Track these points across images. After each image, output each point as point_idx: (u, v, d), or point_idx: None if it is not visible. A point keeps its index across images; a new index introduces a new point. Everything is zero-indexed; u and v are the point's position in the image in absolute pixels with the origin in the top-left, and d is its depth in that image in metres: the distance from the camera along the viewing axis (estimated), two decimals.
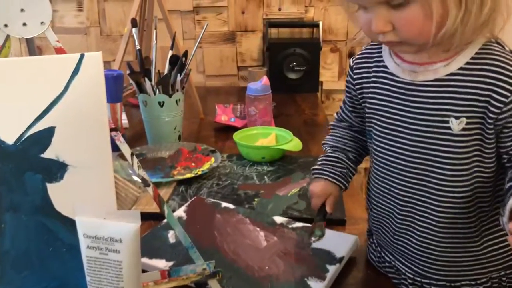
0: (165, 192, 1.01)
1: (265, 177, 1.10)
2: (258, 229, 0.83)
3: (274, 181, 1.08)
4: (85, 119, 0.62)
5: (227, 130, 1.40)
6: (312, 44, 1.87)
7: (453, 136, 0.64)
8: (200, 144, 1.24)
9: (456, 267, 0.71)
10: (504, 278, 0.73)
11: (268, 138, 1.24)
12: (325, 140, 0.84)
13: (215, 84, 2.06)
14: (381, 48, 0.72)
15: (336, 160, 0.79)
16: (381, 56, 0.71)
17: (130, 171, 0.75)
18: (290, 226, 0.84)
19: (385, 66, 0.70)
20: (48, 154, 0.60)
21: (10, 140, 0.60)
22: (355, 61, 0.76)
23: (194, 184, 1.06)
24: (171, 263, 0.74)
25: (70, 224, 0.59)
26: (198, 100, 1.60)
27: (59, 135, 0.61)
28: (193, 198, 0.96)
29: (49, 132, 0.61)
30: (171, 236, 0.81)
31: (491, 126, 0.62)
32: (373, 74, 0.72)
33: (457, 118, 0.63)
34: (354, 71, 0.75)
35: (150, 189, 0.64)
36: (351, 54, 1.99)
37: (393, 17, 0.59)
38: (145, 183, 0.65)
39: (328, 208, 0.77)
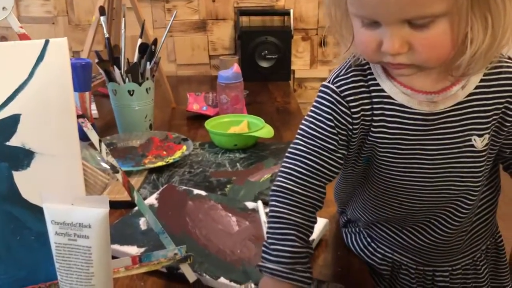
0: (136, 181, 1.01)
1: (238, 164, 1.11)
2: (230, 214, 0.84)
3: (246, 168, 1.09)
4: (51, 106, 0.61)
5: (199, 119, 1.40)
6: (283, 32, 1.87)
7: (476, 152, 0.63)
8: (172, 132, 1.23)
9: (457, 251, 0.73)
10: (490, 247, 0.78)
11: (240, 125, 1.24)
12: (280, 214, 0.61)
13: (187, 73, 2.05)
14: (369, 70, 0.63)
15: (303, 255, 0.60)
16: (375, 81, 0.62)
17: (99, 159, 0.75)
18: (261, 212, 0.85)
19: (390, 97, 0.61)
20: (14, 141, 0.60)
21: None
22: (345, 91, 0.61)
23: (165, 173, 1.06)
24: (142, 250, 0.74)
25: (38, 212, 0.59)
26: (169, 89, 1.59)
27: (25, 122, 0.60)
28: (164, 186, 0.96)
29: (14, 120, 0.60)
30: (142, 223, 0.81)
31: (504, 133, 0.63)
32: (375, 106, 0.62)
33: (480, 136, 0.62)
34: (351, 104, 0.61)
35: (119, 176, 0.64)
36: (322, 43, 2.01)
37: (413, 37, 0.53)
38: (114, 169, 0.64)
39: None
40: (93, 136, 0.64)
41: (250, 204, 0.88)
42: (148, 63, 1.24)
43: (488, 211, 0.72)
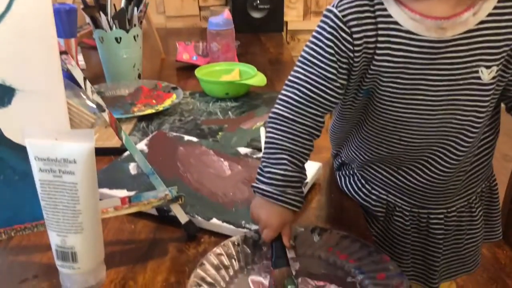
0: (125, 128, 0.98)
1: (229, 112, 1.08)
2: (222, 159, 0.82)
3: (238, 116, 1.06)
4: (32, 41, 0.57)
5: (190, 69, 1.36)
6: None
7: (482, 85, 0.60)
8: (161, 82, 1.20)
9: (454, 195, 0.72)
10: (484, 190, 0.77)
11: (232, 74, 1.21)
12: (275, 140, 0.61)
13: (176, 25, 1.99)
14: None
15: (297, 179, 0.61)
16: (381, 5, 0.58)
17: (85, 98, 0.72)
18: (254, 156, 0.83)
19: (396, 23, 0.58)
20: None
21: None
22: (347, 16, 0.58)
23: (155, 121, 1.03)
24: (132, 193, 0.72)
25: (21, 151, 0.56)
26: (159, 39, 1.54)
27: (4, 58, 0.56)
28: (154, 133, 0.94)
29: None
30: (132, 168, 0.79)
31: None
32: (380, 32, 0.58)
33: (487, 67, 0.59)
34: (353, 30, 0.58)
35: (105, 115, 0.62)
36: None
37: None
38: (100, 108, 0.62)
39: (286, 242, 0.60)
40: (77, 74, 0.61)
41: (242, 150, 0.86)
42: (135, 8, 1.19)
43: (486, 153, 0.71)
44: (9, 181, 0.59)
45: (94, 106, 0.62)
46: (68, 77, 0.63)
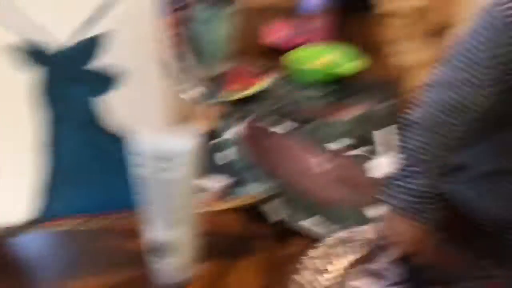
0: (215, 112, 0.96)
1: (324, 99, 1.03)
2: (315, 154, 0.78)
3: (333, 104, 1.01)
4: (139, 28, 0.56)
5: (283, 52, 1.32)
6: None
7: None
8: (254, 63, 1.17)
9: None
10: None
11: (327, 56, 1.15)
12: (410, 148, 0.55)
13: (271, 2, 1.94)
14: None
15: (435, 193, 0.56)
16: None
17: (183, 86, 0.70)
18: (347, 153, 0.78)
19: None
20: (97, 64, 0.56)
21: (57, 45, 0.55)
22: None
23: (247, 105, 1.01)
24: (226, 182, 0.70)
25: (119, 139, 0.56)
26: (253, 18, 1.50)
27: (111, 43, 0.56)
28: (247, 120, 0.91)
29: (98, 40, 0.56)
30: (226, 155, 0.77)
31: None
32: None
33: None
34: None
35: (203, 104, 0.60)
36: None
37: None
38: (199, 96, 0.60)
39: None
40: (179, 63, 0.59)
41: (334, 145, 0.81)
42: None
43: None
44: (106, 169, 0.59)
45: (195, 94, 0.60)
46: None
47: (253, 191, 0.60)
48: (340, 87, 1.09)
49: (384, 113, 0.87)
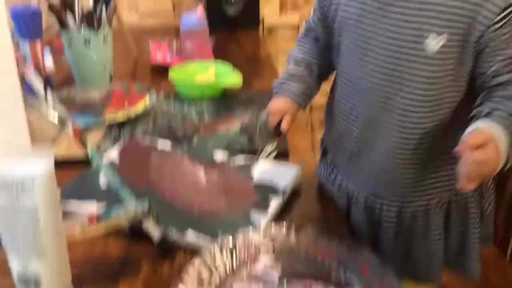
0: (96, 135, 0.93)
1: (205, 114, 1.05)
2: (197, 167, 0.79)
3: (214, 119, 1.02)
4: None
5: (164, 71, 1.31)
6: None
7: (428, 58, 0.60)
8: (134, 83, 1.15)
9: (411, 187, 0.70)
10: (453, 204, 0.73)
11: (207, 73, 1.17)
12: (290, 52, 0.80)
13: (150, 23, 1.93)
14: None
15: (298, 76, 0.76)
16: None
17: (46, 110, 0.67)
18: (231, 163, 0.80)
19: None
20: None
21: None
22: None
23: (128, 125, 0.99)
24: (102, 206, 0.68)
25: None
26: (130, 39, 1.49)
27: None
28: (126, 140, 0.90)
29: None
30: (102, 180, 0.75)
31: (474, 44, 0.58)
32: None
33: (439, 33, 0.58)
34: None
35: (69, 128, 0.58)
36: None
37: None
38: (62, 122, 0.58)
39: (283, 125, 0.74)
40: (38, 84, 0.57)
41: (218, 157, 0.82)
42: (104, 7, 1.14)
43: (448, 152, 0.63)
44: None
45: (57, 117, 0.58)
46: (29, 86, 0.59)
47: (131, 210, 0.58)
48: (222, 101, 1.11)
49: (264, 123, 0.90)
